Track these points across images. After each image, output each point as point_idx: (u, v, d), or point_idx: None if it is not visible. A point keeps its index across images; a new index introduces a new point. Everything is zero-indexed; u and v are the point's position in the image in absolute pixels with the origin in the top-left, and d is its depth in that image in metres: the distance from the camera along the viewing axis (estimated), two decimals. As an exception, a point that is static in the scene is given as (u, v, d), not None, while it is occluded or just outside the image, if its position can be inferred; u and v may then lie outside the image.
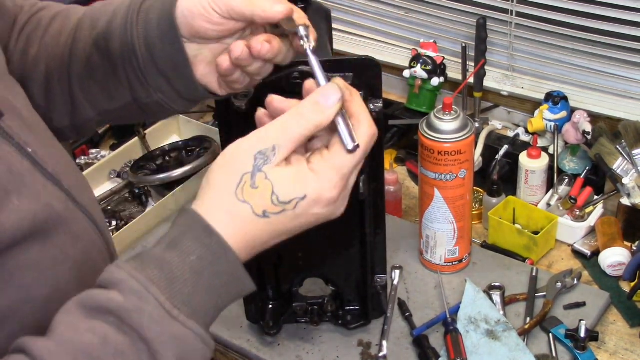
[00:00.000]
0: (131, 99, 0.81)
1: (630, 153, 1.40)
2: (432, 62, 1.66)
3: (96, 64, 0.81)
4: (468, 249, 1.36)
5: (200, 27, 0.74)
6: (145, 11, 0.77)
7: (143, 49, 0.77)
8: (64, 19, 0.86)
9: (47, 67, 0.84)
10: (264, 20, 0.73)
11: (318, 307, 1.24)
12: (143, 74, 0.78)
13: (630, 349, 1.22)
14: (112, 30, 0.78)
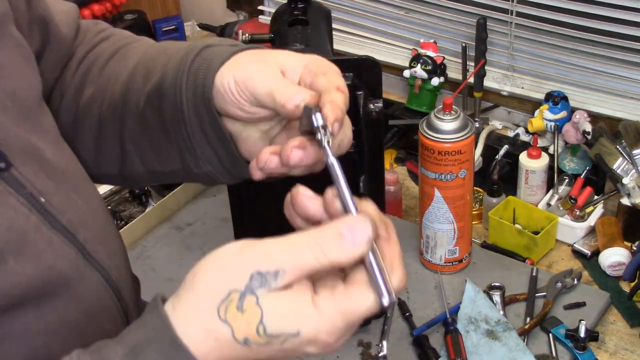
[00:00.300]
0: (181, 166, 0.74)
1: (630, 153, 1.40)
2: (432, 62, 1.66)
3: (149, 122, 0.74)
4: (468, 249, 1.36)
5: (234, 114, 0.68)
6: (194, 74, 0.69)
7: (192, 117, 0.69)
8: (121, 60, 0.80)
9: (100, 112, 0.78)
10: (286, 116, 0.66)
11: (318, 307, 1.23)
12: (192, 144, 0.71)
13: (630, 349, 1.22)
14: (164, 89, 0.71)
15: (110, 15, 1.93)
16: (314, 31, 1.20)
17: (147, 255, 1.45)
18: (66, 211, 0.67)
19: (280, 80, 0.65)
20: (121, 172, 0.79)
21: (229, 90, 0.67)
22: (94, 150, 0.79)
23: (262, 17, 2.00)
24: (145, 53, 0.78)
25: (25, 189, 0.63)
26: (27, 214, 0.63)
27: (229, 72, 0.67)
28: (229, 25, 1.85)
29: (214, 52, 0.70)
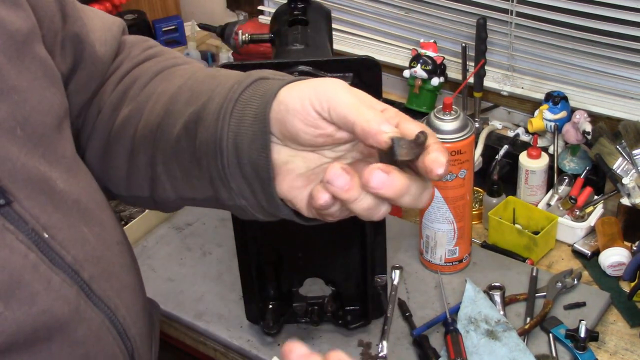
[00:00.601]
0: (213, 195, 0.69)
1: (630, 153, 1.40)
2: (432, 62, 1.66)
3: (183, 146, 0.69)
4: (468, 249, 1.36)
5: (293, 126, 0.61)
6: (244, 102, 0.64)
7: (230, 148, 0.64)
8: (165, 81, 0.76)
9: (135, 132, 0.74)
10: (363, 138, 0.58)
11: (318, 307, 1.24)
12: (226, 176, 0.65)
13: (631, 349, 1.22)
14: (205, 114, 0.66)
15: (110, 15, 1.93)
16: (314, 31, 1.20)
17: (147, 255, 1.45)
18: (72, 247, 0.64)
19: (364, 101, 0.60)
20: (152, 196, 0.76)
21: (298, 98, 0.61)
22: (126, 171, 0.76)
23: (262, 17, 2.00)
24: (192, 76, 0.74)
25: (27, 224, 0.61)
26: (24, 253, 0.60)
27: (299, 85, 0.62)
28: (229, 25, 1.85)
29: (270, 84, 0.65)
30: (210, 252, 1.45)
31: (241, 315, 1.28)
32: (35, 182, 0.63)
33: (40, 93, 0.66)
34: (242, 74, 0.68)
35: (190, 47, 2.06)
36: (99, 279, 0.67)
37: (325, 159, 0.64)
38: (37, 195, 0.62)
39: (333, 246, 1.19)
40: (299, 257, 1.21)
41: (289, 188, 0.64)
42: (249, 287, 1.21)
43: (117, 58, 0.81)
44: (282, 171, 0.64)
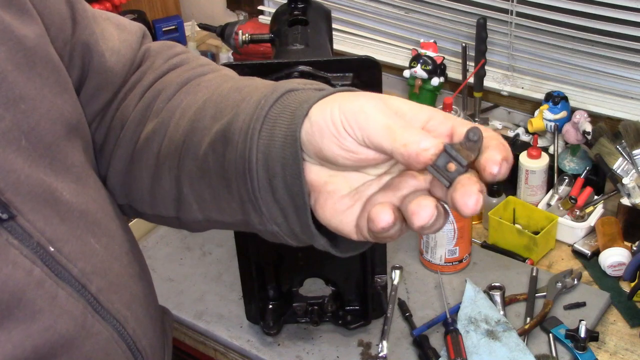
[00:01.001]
0: (242, 219, 0.65)
1: (631, 153, 1.40)
2: (432, 62, 1.66)
3: (210, 167, 0.65)
4: (468, 249, 1.36)
5: (329, 151, 0.56)
6: (272, 121, 0.59)
7: (261, 171, 0.59)
8: (190, 94, 0.71)
9: (159, 149, 0.70)
10: (406, 165, 0.53)
11: (318, 307, 1.24)
12: (257, 199, 0.61)
13: (631, 349, 1.22)
14: (231, 133, 0.61)
15: (110, 15, 1.93)
16: (314, 31, 1.20)
17: (147, 255, 1.45)
18: (79, 259, 0.63)
19: (399, 118, 0.54)
20: (178, 216, 0.72)
21: (331, 122, 0.55)
22: (150, 189, 0.72)
23: (262, 17, 2.00)
24: (217, 88, 0.69)
25: (32, 238, 0.59)
26: (29, 268, 0.58)
27: (329, 105, 0.56)
28: (229, 25, 1.85)
29: (299, 96, 0.60)
30: (210, 252, 1.45)
31: (241, 315, 1.28)
32: (40, 193, 0.61)
33: (51, 100, 0.64)
34: (269, 85, 0.64)
35: (190, 47, 2.06)
36: (107, 291, 0.65)
37: (369, 177, 0.59)
38: (42, 207, 0.61)
39: (333, 246, 1.19)
40: (299, 257, 1.21)
41: (333, 212, 0.59)
42: (249, 287, 1.21)
43: (140, 68, 0.78)
44: (323, 194, 0.59)
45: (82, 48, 0.72)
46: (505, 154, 0.52)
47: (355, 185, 0.58)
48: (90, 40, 0.72)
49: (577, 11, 1.52)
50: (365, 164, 0.57)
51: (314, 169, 0.59)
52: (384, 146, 0.53)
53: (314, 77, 1.02)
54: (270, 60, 1.05)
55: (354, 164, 0.57)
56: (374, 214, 0.53)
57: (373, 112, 0.54)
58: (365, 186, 0.58)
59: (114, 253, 0.68)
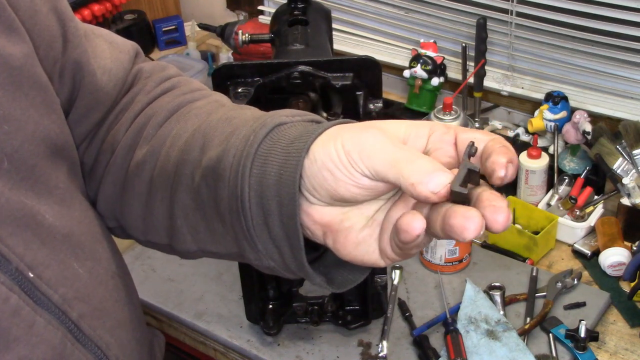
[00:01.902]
0: (238, 253, 0.64)
1: (631, 153, 1.40)
2: (432, 62, 1.66)
3: (204, 200, 0.64)
4: (468, 249, 1.36)
5: (347, 193, 0.55)
6: (262, 158, 0.58)
7: (255, 209, 0.58)
8: (180, 121, 0.70)
9: (151, 177, 0.69)
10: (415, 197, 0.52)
11: (318, 307, 1.24)
12: (252, 237, 0.60)
13: (631, 349, 1.22)
14: (221, 169, 0.60)
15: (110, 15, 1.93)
16: (314, 31, 1.20)
17: (147, 255, 1.45)
18: (61, 284, 0.61)
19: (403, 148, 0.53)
20: (171, 245, 0.71)
21: (339, 163, 0.54)
22: (141, 217, 0.71)
23: (262, 17, 2.00)
24: (208, 116, 0.68)
25: (11, 263, 0.57)
26: (5, 296, 0.56)
27: (330, 144, 0.55)
28: (229, 25, 1.85)
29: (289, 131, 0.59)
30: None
31: (241, 315, 1.28)
32: (20, 217, 0.59)
33: (37, 121, 0.62)
34: (258, 118, 0.62)
35: (190, 47, 2.06)
36: (90, 317, 0.63)
37: (381, 201, 0.58)
38: (22, 231, 0.58)
39: (333, 246, 1.19)
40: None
41: (355, 246, 0.57)
42: (249, 287, 1.21)
43: (132, 89, 0.77)
44: (342, 232, 0.57)
45: (73, 67, 0.70)
46: (510, 156, 0.52)
47: (371, 214, 0.58)
48: (81, 59, 0.70)
49: (577, 11, 1.52)
50: (385, 193, 0.56)
51: (326, 210, 0.58)
52: (394, 182, 0.52)
53: (314, 77, 1.02)
54: (270, 60, 1.05)
55: (373, 197, 0.56)
56: (405, 224, 0.51)
57: (374, 147, 0.53)
58: (380, 211, 0.58)
59: (98, 277, 0.67)
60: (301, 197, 0.57)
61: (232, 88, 1.02)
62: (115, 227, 0.75)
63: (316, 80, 1.03)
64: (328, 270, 0.63)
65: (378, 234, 0.57)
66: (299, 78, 1.01)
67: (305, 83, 1.03)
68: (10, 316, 0.56)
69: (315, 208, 0.57)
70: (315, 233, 0.59)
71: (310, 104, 1.06)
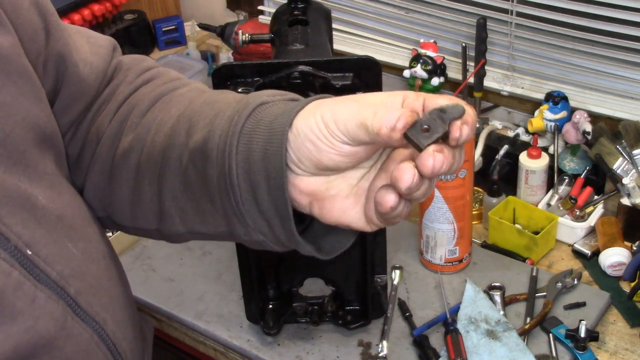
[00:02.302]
0: (227, 231, 0.68)
1: (631, 153, 1.40)
2: (432, 62, 1.66)
3: (192, 182, 0.67)
4: (468, 249, 1.36)
5: (330, 161, 0.59)
6: (247, 136, 0.62)
7: (243, 185, 0.62)
8: (163, 109, 0.73)
9: (138, 164, 0.71)
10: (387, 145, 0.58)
11: (318, 307, 1.24)
12: (241, 213, 0.63)
13: (631, 349, 1.22)
14: (208, 150, 0.64)
15: (110, 16, 1.93)
16: (314, 31, 1.20)
17: (147, 255, 1.45)
18: (57, 262, 0.63)
19: (370, 107, 0.57)
20: (159, 229, 0.73)
21: (320, 133, 0.58)
22: (130, 204, 0.73)
23: (262, 17, 2.00)
24: (190, 103, 0.71)
25: (10, 242, 0.59)
26: (8, 271, 0.58)
27: (311, 117, 0.59)
28: (229, 25, 1.85)
29: (271, 109, 0.63)
30: (210, 252, 1.45)
31: (241, 315, 1.28)
32: (16, 198, 0.61)
33: (27, 108, 0.64)
34: (239, 100, 0.66)
35: (190, 47, 2.06)
36: (86, 294, 0.65)
37: (364, 169, 0.62)
38: (18, 211, 0.61)
39: (333, 246, 1.19)
40: (299, 257, 1.20)
41: (341, 213, 0.62)
42: (248, 287, 1.21)
43: (113, 81, 0.79)
44: (327, 200, 0.62)
45: (56, 59, 0.72)
46: (466, 118, 0.56)
47: (355, 182, 0.62)
48: (64, 51, 0.72)
49: (577, 11, 1.52)
50: (366, 159, 0.60)
51: (311, 180, 0.62)
52: (367, 139, 0.57)
53: (314, 77, 1.02)
54: (270, 60, 1.05)
55: (356, 163, 0.60)
56: (379, 198, 0.58)
57: (348, 114, 0.58)
58: (365, 179, 0.62)
59: (91, 257, 0.68)
60: (287, 169, 0.61)
61: (232, 88, 1.02)
62: (104, 217, 0.77)
63: (316, 80, 1.02)
64: (316, 240, 0.67)
65: (363, 202, 0.62)
66: (299, 78, 1.01)
67: (305, 83, 1.03)
68: (13, 290, 0.58)
69: (301, 179, 0.61)
70: (302, 203, 0.63)
71: (310, 104, 1.06)
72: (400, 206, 0.58)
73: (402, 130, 0.55)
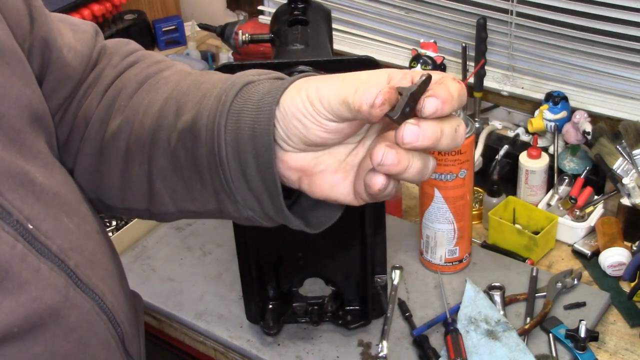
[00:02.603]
0: (216, 209, 0.69)
1: (631, 153, 1.40)
2: (432, 62, 1.66)
3: (181, 162, 0.69)
4: (468, 249, 1.36)
5: (317, 138, 0.61)
6: (235, 115, 0.63)
7: (232, 164, 0.64)
8: (151, 91, 0.74)
9: (127, 146, 0.73)
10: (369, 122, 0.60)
11: (318, 307, 1.24)
12: (231, 190, 0.65)
13: (631, 349, 1.22)
14: (197, 130, 0.66)
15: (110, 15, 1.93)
16: (314, 31, 1.20)
17: (147, 255, 1.45)
18: (56, 237, 0.65)
19: (352, 84, 0.58)
20: (149, 209, 0.75)
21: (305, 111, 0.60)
22: (119, 185, 0.75)
23: (262, 17, 2.00)
24: (177, 85, 0.72)
25: (12, 216, 0.61)
26: (12, 243, 0.60)
27: (297, 95, 0.61)
28: (229, 25, 1.85)
29: (257, 88, 0.65)
30: (210, 252, 1.45)
31: (241, 315, 1.28)
32: (15, 175, 0.63)
33: (20, 89, 0.66)
34: (226, 80, 0.67)
35: (190, 47, 2.06)
36: (84, 267, 0.67)
37: (351, 145, 0.64)
38: (18, 187, 0.62)
39: (333, 246, 1.19)
40: (299, 257, 1.21)
41: (330, 188, 0.64)
42: (248, 287, 1.21)
43: (98, 65, 0.80)
44: (316, 175, 0.64)
45: (41, 44, 0.73)
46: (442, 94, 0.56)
47: (343, 158, 0.64)
48: (48, 37, 0.74)
49: (577, 11, 1.52)
50: (352, 134, 0.62)
51: (299, 156, 0.63)
52: (350, 116, 0.58)
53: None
54: (270, 60, 1.05)
55: (342, 139, 0.62)
56: (367, 180, 0.59)
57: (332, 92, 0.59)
58: (352, 155, 0.64)
59: (86, 232, 0.70)
60: (275, 146, 0.62)
61: (232, 88, 1.02)
62: (94, 199, 0.79)
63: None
64: (304, 214, 0.68)
65: (352, 177, 0.63)
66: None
67: (305, 83, 1.03)
68: (19, 261, 0.60)
69: (290, 155, 0.63)
70: (291, 178, 0.64)
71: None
72: (390, 186, 0.60)
73: (381, 107, 0.55)
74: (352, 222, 1.15)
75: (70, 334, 0.64)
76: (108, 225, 1.53)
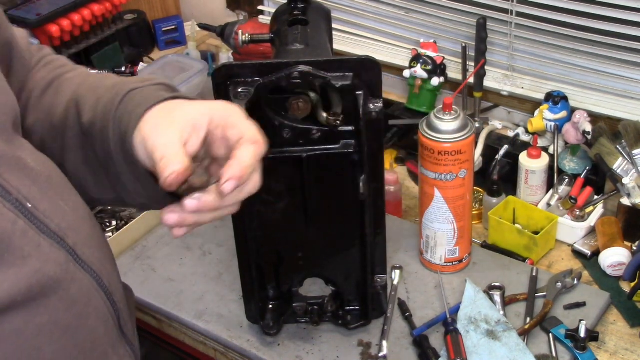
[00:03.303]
0: (115, 197, 0.82)
1: (631, 153, 1.40)
2: (432, 62, 1.66)
3: (89, 156, 0.80)
4: (468, 249, 1.36)
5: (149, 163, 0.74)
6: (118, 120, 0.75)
7: (119, 158, 0.76)
8: (55, 94, 0.83)
9: (42, 139, 0.82)
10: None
11: (318, 307, 1.24)
12: (122, 180, 0.78)
13: (631, 349, 1.22)
14: (94, 131, 0.77)
15: (110, 15, 1.93)
16: (314, 31, 1.20)
17: (147, 255, 1.45)
18: (54, 216, 0.68)
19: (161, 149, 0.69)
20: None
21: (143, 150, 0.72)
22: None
23: (262, 17, 2.00)
24: (78, 88, 0.82)
25: (11, 195, 0.65)
26: (13, 219, 0.64)
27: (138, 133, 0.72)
28: (229, 25, 1.85)
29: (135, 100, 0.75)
30: (210, 252, 1.45)
31: (241, 315, 1.28)
32: (10, 159, 0.67)
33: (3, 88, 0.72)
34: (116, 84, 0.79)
35: (190, 47, 2.06)
36: (82, 245, 0.71)
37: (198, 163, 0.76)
38: (14, 170, 0.67)
39: (333, 246, 1.19)
40: (299, 257, 1.21)
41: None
42: (248, 287, 1.21)
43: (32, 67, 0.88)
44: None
45: (6, 46, 0.79)
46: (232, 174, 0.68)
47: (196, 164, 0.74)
48: (11, 38, 0.80)
49: (577, 11, 1.52)
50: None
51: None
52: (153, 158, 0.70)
53: (314, 77, 1.02)
54: (270, 60, 1.05)
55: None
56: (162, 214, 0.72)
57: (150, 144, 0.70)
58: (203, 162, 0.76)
59: (80, 215, 0.75)
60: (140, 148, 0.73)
61: (232, 88, 1.02)
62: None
63: (316, 80, 1.03)
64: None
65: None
66: (298, 78, 1.01)
67: (305, 83, 1.03)
68: (20, 236, 0.64)
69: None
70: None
71: (310, 103, 1.06)
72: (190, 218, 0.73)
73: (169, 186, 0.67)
74: (352, 222, 1.15)
75: (71, 307, 0.67)
76: (108, 225, 1.53)
